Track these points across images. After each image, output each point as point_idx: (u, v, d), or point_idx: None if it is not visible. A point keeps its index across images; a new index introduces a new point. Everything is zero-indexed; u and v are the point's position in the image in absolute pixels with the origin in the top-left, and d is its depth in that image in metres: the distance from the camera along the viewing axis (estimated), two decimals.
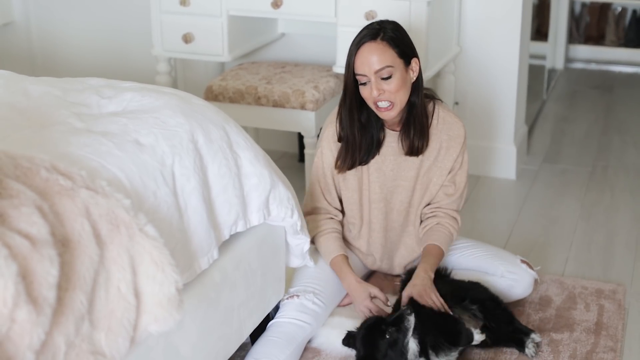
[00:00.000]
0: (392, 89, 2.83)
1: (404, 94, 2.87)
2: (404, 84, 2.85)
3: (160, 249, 2.03)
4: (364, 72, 2.84)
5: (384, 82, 2.83)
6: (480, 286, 3.04)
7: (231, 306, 2.60)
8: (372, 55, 2.82)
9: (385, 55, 2.82)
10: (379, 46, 2.82)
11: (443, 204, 3.09)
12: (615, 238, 3.86)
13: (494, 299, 3.00)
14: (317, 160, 3.09)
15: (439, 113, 3.03)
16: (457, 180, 3.08)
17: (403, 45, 2.86)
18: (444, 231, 3.07)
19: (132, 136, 2.33)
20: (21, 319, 1.69)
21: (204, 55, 4.03)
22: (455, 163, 3.06)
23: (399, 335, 2.62)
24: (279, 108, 3.78)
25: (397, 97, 2.85)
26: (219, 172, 2.49)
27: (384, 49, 2.82)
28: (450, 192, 3.08)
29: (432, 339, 2.69)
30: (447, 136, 3.03)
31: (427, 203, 3.11)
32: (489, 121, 4.46)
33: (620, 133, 5.30)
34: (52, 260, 1.79)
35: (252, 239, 2.70)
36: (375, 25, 2.88)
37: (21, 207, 1.83)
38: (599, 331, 3.07)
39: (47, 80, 2.79)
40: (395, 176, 3.05)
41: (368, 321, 2.75)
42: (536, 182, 4.50)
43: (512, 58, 4.34)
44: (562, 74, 6.74)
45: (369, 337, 2.68)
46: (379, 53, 2.82)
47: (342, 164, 3.02)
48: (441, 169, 3.05)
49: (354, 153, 2.99)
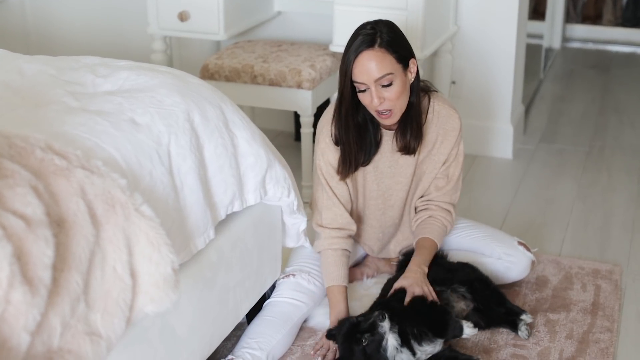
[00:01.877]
0: (393, 97, 2.75)
1: (404, 99, 2.80)
2: (404, 90, 2.78)
3: (156, 229, 2.02)
4: (363, 81, 2.74)
5: (384, 90, 2.75)
6: (469, 267, 3.02)
7: (227, 286, 2.59)
8: (371, 63, 2.72)
9: (384, 62, 2.72)
10: (377, 54, 2.72)
11: (434, 196, 3.04)
12: (611, 218, 3.86)
13: (483, 279, 2.98)
14: (319, 164, 2.97)
15: (434, 107, 2.96)
16: (450, 172, 3.02)
17: (400, 49, 2.77)
18: (437, 224, 3.03)
19: (127, 115, 2.31)
20: (16, 300, 1.68)
21: (200, 33, 4.00)
22: (450, 155, 3.00)
23: (374, 338, 2.59)
24: (275, 87, 3.76)
25: (397, 103, 2.77)
26: (215, 152, 2.48)
27: (382, 56, 2.72)
28: (442, 184, 3.03)
29: (414, 328, 2.65)
30: (443, 130, 2.97)
31: (420, 196, 3.08)
32: (486, 100, 4.44)
33: (618, 113, 5.29)
34: (48, 241, 1.78)
35: (249, 219, 2.69)
36: (369, 29, 2.76)
37: (16, 187, 1.82)
38: (596, 311, 3.07)
39: (42, 58, 2.77)
40: (393, 173, 3.01)
41: (343, 328, 2.67)
42: (533, 162, 4.49)
43: (509, 37, 4.32)
44: (559, 53, 6.72)
45: (346, 345, 2.64)
46: (377, 61, 2.72)
47: (344, 170, 2.93)
48: (434, 161, 3.00)
49: (355, 158, 2.90)
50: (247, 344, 2.75)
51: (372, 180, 3.01)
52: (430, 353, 2.67)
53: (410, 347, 2.63)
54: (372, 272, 3.24)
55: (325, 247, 2.97)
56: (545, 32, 6.58)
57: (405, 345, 2.62)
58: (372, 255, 3.25)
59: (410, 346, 2.64)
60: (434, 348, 2.68)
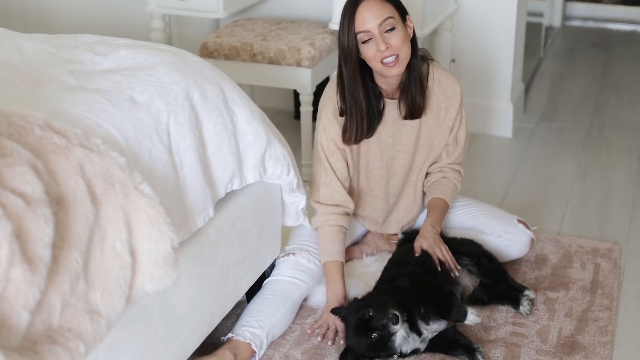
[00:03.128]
0: (398, 42, 2.80)
1: (408, 48, 2.84)
2: (406, 38, 2.84)
3: (155, 208, 2.01)
4: (366, 29, 2.79)
5: (389, 36, 2.80)
6: (473, 243, 3.04)
7: (227, 264, 2.59)
8: (372, 9, 2.79)
9: (384, 8, 2.79)
10: (376, 1, 2.79)
11: (447, 161, 3.10)
12: (611, 197, 3.85)
13: (488, 255, 3.01)
14: (320, 139, 2.98)
15: (433, 74, 3.00)
16: (458, 136, 3.09)
17: (396, 1, 2.85)
18: (448, 184, 3.09)
19: (126, 93, 2.31)
20: (16, 278, 1.68)
21: (199, 11, 3.98)
22: (455, 121, 3.05)
23: (384, 334, 2.59)
24: (275, 65, 3.75)
25: (402, 50, 2.81)
26: (215, 130, 2.47)
27: (381, 3, 2.80)
28: (452, 150, 3.10)
29: (421, 308, 2.66)
30: (445, 96, 3.01)
31: (431, 163, 3.12)
32: (486, 79, 4.43)
33: (618, 91, 5.27)
34: (47, 219, 1.78)
35: (248, 197, 2.69)
36: None
37: (15, 166, 1.82)
38: (595, 290, 3.07)
39: (41, 37, 2.76)
40: (396, 142, 3.02)
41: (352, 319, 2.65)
42: (533, 141, 4.49)
43: (509, 15, 4.31)
44: (559, 31, 6.70)
45: (354, 337, 2.64)
46: (378, 6, 2.79)
47: (350, 136, 2.94)
48: (443, 129, 3.05)
49: (361, 121, 2.91)
50: (247, 322, 2.76)
51: (375, 151, 3.02)
52: (436, 331, 2.69)
53: (417, 328, 2.65)
54: (372, 250, 3.25)
55: (322, 223, 2.98)
56: (546, 10, 6.55)
57: (412, 330, 2.64)
58: (374, 230, 3.25)
59: (417, 327, 2.65)
60: (439, 326, 2.70)
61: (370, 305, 2.62)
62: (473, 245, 3.03)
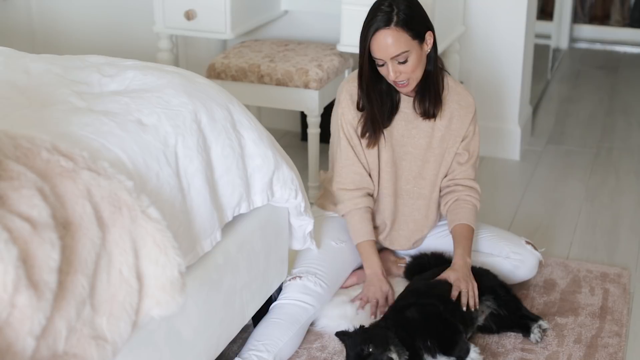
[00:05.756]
0: (409, 70, 2.86)
1: (420, 70, 2.91)
2: (419, 63, 2.88)
3: (163, 232, 1.99)
4: (380, 57, 2.85)
5: (400, 65, 2.85)
6: (490, 274, 3.01)
7: (234, 288, 2.57)
8: (387, 41, 2.82)
9: (400, 41, 2.82)
10: (393, 33, 2.81)
11: (457, 173, 3.11)
12: (620, 221, 3.83)
13: (504, 285, 2.98)
14: (340, 123, 3.04)
15: (448, 83, 3.07)
16: (470, 147, 3.12)
17: (416, 25, 2.85)
18: (467, 206, 3.08)
19: (134, 116, 2.29)
20: (22, 304, 1.66)
21: (207, 32, 3.98)
22: (468, 131, 3.09)
23: None
24: (282, 87, 3.73)
25: (412, 75, 2.89)
26: (223, 153, 2.46)
27: (398, 35, 2.81)
28: (463, 160, 3.10)
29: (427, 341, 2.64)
30: (458, 105, 3.07)
31: (444, 174, 3.12)
32: (494, 101, 4.42)
33: (625, 114, 5.26)
34: (53, 244, 1.76)
35: (256, 221, 2.67)
36: (387, 6, 2.83)
37: (22, 189, 1.80)
38: (604, 315, 3.04)
39: (48, 57, 2.75)
40: (405, 142, 3.06)
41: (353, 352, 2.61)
42: (540, 164, 4.47)
43: (517, 37, 4.30)
44: (566, 53, 6.69)
45: None
46: (394, 39, 2.81)
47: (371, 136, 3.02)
48: (455, 136, 3.08)
49: (379, 122, 2.99)
50: (253, 346, 2.74)
51: (386, 146, 3.05)
52: None
53: None
54: None
55: (350, 208, 3.07)
56: (553, 33, 6.55)
57: None
58: (382, 238, 3.22)
59: None
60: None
61: (371, 341, 2.59)
62: (490, 277, 3.00)
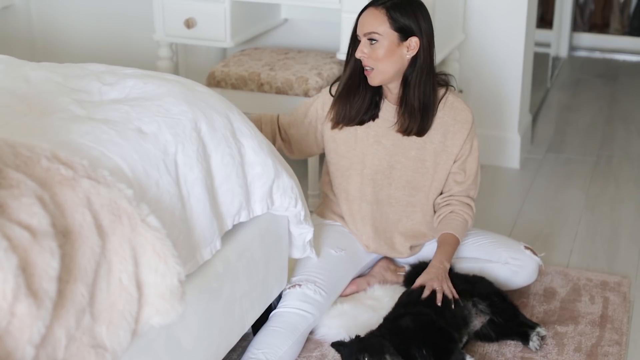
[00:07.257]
0: (374, 56, 2.89)
1: (389, 65, 2.90)
2: (390, 55, 2.89)
3: (162, 240, 1.99)
4: (357, 32, 2.93)
5: (370, 46, 2.89)
6: (485, 281, 3.01)
7: (233, 297, 2.57)
8: (368, 18, 2.90)
9: (376, 21, 2.88)
10: (375, 12, 2.89)
11: (455, 191, 3.09)
12: (620, 229, 3.83)
13: (500, 293, 2.98)
14: (315, 103, 3.17)
15: (447, 97, 3.03)
16: (467, 167, 3.08)
17: (403, 20, 2.88)
18: (458, 219, 3.06)
19: (134, 124, 2.29)
20: (21, 313, 1.66)
21: (207, 40, 3.98)
22: (463, 149, 3.05)
23: None
24: (282, 95, 3.74)
25: (378, 64, 2.90)
26: (222, 161, 2.46)
27: (377, 16, 2.88)
28: (460, 179, 3.08)
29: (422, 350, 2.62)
30: (453, 120, 3.03)
31: (438, 190, 3.10)
32: (493, 109, 4.42)
33: (625, 122, 5.26)
34: (53, 252, 1.75)
35: (255, 229, 2.66)
36: None
37: (21, 198, 1.80)
38: (604, 324, 3.04)
39: (48, 65, 2.75)
40: (395, 152, 3.05)
41: None
42: (540, 172, 4.47)
43: (517, 46, 4.30)
44: (566, 62, 6.70)
45: None
46: (372, 18, 2.89)
47: (335, 114, 3.05)
48: (448, 153, 3.05)
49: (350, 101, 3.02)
50: (253, 354, 2.73)
51: (374, 155, 3.06)
52: None
53: None
54: (378, 282, 3.22)
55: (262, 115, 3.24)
56: (553, 41, 6.56)
57: None
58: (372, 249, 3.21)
59: None
60: None
61: (366, 350, 2.59)
62: (485, 283, 3.00)
